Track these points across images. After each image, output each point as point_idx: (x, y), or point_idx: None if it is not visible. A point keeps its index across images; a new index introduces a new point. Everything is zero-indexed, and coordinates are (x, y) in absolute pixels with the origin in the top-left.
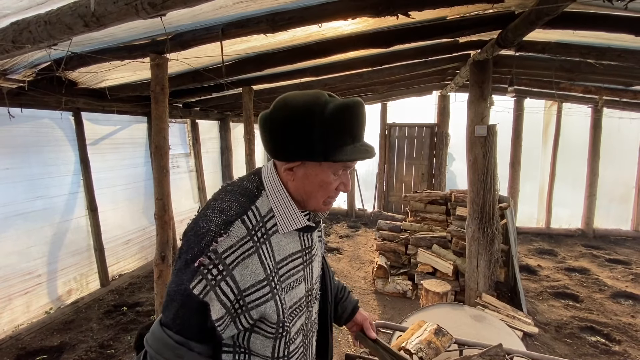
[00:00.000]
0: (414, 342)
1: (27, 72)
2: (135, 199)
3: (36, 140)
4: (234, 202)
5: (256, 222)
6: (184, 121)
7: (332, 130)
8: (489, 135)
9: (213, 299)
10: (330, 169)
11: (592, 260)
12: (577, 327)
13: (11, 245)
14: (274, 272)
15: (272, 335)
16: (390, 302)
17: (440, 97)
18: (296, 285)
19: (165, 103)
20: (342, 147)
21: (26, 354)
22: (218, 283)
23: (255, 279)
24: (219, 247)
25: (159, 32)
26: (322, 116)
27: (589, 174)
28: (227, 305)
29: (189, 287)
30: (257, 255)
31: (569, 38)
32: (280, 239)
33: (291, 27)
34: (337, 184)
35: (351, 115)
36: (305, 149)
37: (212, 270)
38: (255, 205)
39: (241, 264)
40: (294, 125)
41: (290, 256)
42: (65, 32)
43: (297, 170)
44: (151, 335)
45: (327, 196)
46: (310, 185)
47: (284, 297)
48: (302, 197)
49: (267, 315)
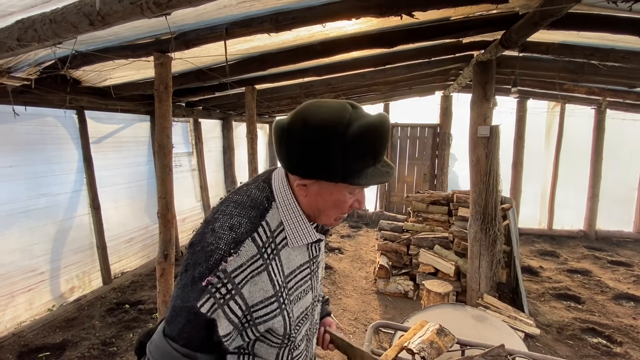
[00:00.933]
0: (416, 341)
1: (31, 70)
2: (138, 198)
3: (40, 138)
4: (244, 218)
5: (266, 238)
6: (187, 120)
7: (354, 153)
8: (492, 136)
9: (221, 316)
10: (346, 189)
11: (594, 261)
12: (579, 328)
13: (14, 243)
14: (283, 287)
15: (277, 345)
16: (392, 302)
17: (443, 98)
18: (304, 295)
19: (168, 102)
20: (363, 170)
21: (29, 351)
22: (227, 302)
23: (264, 295)
24: (229, 267)
25: (163, 31)
26: (344, 137)
27: (592, 175)
28: (235, 322)
29: (196, 305)
30: (267, 272)
31: (573, 39)
32: (289, 252)
33: (295, 27)
34: (352, 202)
35: (376, 136)
36: (323, 170)
37: (220, 290)
38: (266, 219)
39: (250, 281)
40: (314, 144)
41: (299, 268)
42: (71, 31)
43: (311, 186)
44: (155, 348)
45: (340, 213)
46: (323, 203)
47: (292, 309)
48: (314, 213)
49: (274, 329)
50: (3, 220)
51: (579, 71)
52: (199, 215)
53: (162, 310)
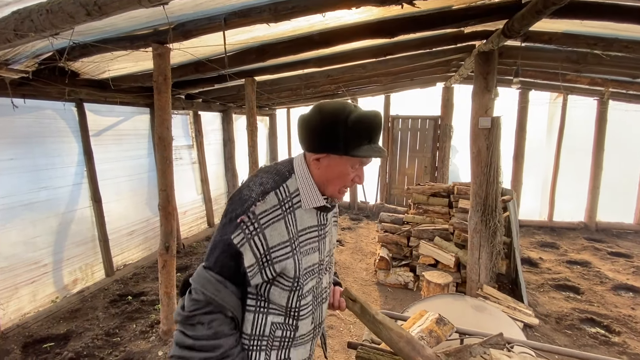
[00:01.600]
0: (415, 330)
1: (29, 62)
2: (139, 190)
3: (39, 131)
4: (271, 179)
5: (286, 196)
6: (187, 113)
7: (353, 133)
8: (493, 127)
9: (247, 249)
10: (348, 162)
11: (594, 253)
12: (578, 318)
13: (17, 235)
14: (295, 237)
15: (288, 288)
16: (392, 293)
17: (445, 89)
18: (311, 252)
19: (168, 94)
20: (359, 146)
21: (33, 341)
22: (253, 237)
23: (280, 239)
24: (257, 210)
25: (161, 22)
26: (346, 122)
27: (593, 167)
28: (257, 256)
29: (231, 237)
30: (284, 221)
31: (576, 28)
32: (302, 213)
33: (294, 16)
34: (353, 176)
35: (368, 123)
36: (330, 144)
37: (249, 227)
38: (286, 183)
39: (271, 226)
40: (325, 126)
41: (309, 228)
42: (67, 21)
43: (323, 160)
44: (196, 276)
45: (343, 185)
46: (331, 173)
47: (302, 259)
48: (323, 183)
49: (286, 271)
50: (5, 213)
51: (582, 61)
52: (200, 208)
53: (164, 301)
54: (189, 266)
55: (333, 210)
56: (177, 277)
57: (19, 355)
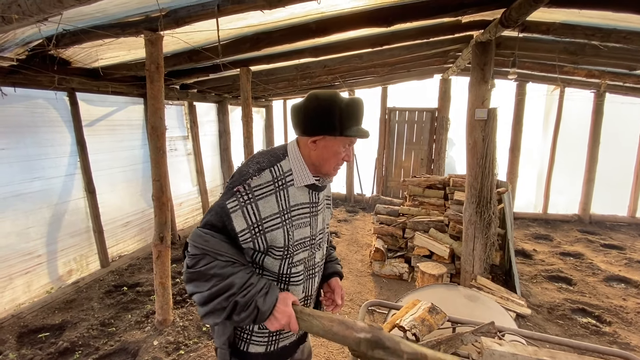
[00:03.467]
0: (407, 319)
1: (19, 49)
2: (133, 182)
3: (31, 120)
4: (266, 159)
5: (278, 174)
6: (181, 103)
7: (346, 115)
8: (489, 119)
9: (239, 215)
10: (342, 142)
11: (587, 245)
12: (569, 309)
13: (10, 226)
14: (287, 211)
15: (279, 257)
16: (387, 284)
17: (442, 81)
18: (303, 226)
19: (160, 82)
20: (352, 127)
21: (28, 331)
22: (245, 205)
23: (271, 211)
24: (252, 183)
25: (152, 8)
26: (341, 105)
27: (589, 159)
28: (249, 223)
29: (225, 202)
30: (275, 196)
31: (574, 18)
32: (295, 190)
33: (289, 3)
34: (344, 155)
35: (358, 107)
36: (328, 126)
37: (243, 196)
38: (280, 164)
39: (263, 199)
40: (323, 110)
41: (301, 204)
42: (55, 6)
43: (319, 142)
44: (191, 233)
45: (337, 163)
46: (327, 153)
47: (293, 231)
48: (320, 163)
49: (276, 241)
50: None
51: (579, 52)
52: (196, 200)
53: (159, 291)
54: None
55: (324, 191)
56: (172, 268)
57: (14, 345)
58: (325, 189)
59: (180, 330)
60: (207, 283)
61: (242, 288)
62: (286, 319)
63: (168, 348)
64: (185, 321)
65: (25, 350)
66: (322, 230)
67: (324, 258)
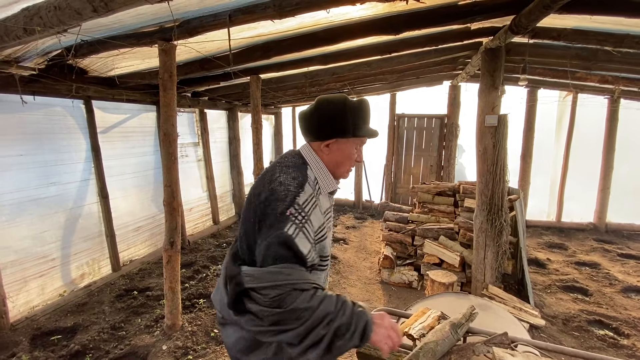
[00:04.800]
0: (417, 327)
1: (38, 59)
2: (145, 187)
3: (49, 127)
4: (298, 172)
5: (314, 185)
6: (193, 111)
7: (357, 116)
8: (500, 125)
9: (302, 237)
10: (354, 143)
11: (604, 254)
12: (585, 320)
13: (26, 230)
14: (324, 219)
15: (324, 268)
16: (396, 292)
17: (451, 88)
18: (329, 232)
19: (173, 90)
20: (362, 127)
21: (41, 334)
22: (304, 225)
23: (319, 223)
24: (300, 201)
25: (166, 19)
26: (351, 107)
27: (604, 166)
28: (311, 242)
29: (284, 230)
30: (318, 207)
31: (586, 24)
32: (322, 197)
33: (298, 12)
34: (356, 156)
35: (366, 107)
36: (341, 129)
37: (298, 217)
38: (309, 174)
39: (313, 212)
40: (334, 113)
41: (327, 210)
42: (75, 18)
43: (332, 145)
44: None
45: (350, 165)
46: (341, 156)
47: (329, 236)
48: (334, 167)
49: (324, 250)
50: (14, 208)
51: (592, 58)
52: (206, 205)
53: (168, 296)
54: (193, 262)
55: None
56: (182, 273)
57: (28, 347)
58: None
59: (189, 335)
60: (299, 319)
61: (337, 310)
62: (388, 323)
63: (177, 353)
64: (193, 326)
65: (37, 352)
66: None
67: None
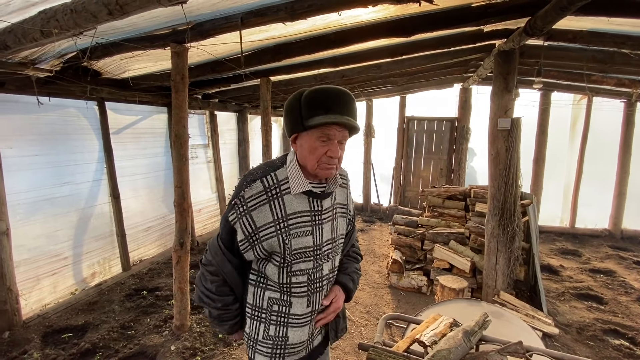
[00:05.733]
0: (428, 334)
1: (54, 61)
2: (155, 188)
3: (63, 128)
4: (260, 169)
5: (272, 183)
6: (203, 112)
7: (306, 108)
8: (513, 129)
9: (238, 226)
10: (312, 136)
11: (619, 262)
12: (600, 329)
13: (40, 229)
14: (282, 220)
15: (278, 264)
16: (405, 296)
17: (462, 90)
18: (303, 235)
19: (185, 92)
20: (313, 117)
21: (53, 331)
22: (242, 216)
23: (265, 221)
24: (245, 195)
25: (179, 22)
26: (300, 100)
27: (619, 171)
28: (247, 234)
29: (228, 215)
30: (269, 205)
31: (603, 26)
32: (292, 198)
33: (310, 15)
34: (325, 150)
35: (321, 95)
36: (295, 124)
37: (240, 208)
38: (275, 173)
39: (257, 209)
40: (291, 107)
41: (300, 212)
42: (90, 21)
43: (298, 142)
44: (211, 240)
45: (317, 160)
46: (305, 151)
47: (290, 240)
48: (304, 163)
49: (274, 249)
50: (29, 206)
51: (608, 61)
52: (215, 206)
53: (177, 296)
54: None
55: (335, 199)
56: (191, 273)
57: (39, 345)
58: (335, 196)
59: (197, 336)
60: (208, 286)
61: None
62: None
63: (185, 353)
64: (202, 327)
65: (49, 350)
66: (330, 241)
67: (335, 270)
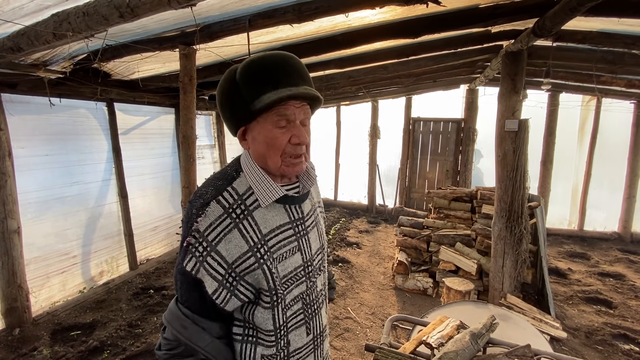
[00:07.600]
0: (435, 336)
1: (65, 63)
2: (163, 188)
3: (73, 128)
4: (211, 187)
5: (233, 200)
6: (210, 113)
7: (244, 85)
8: (520, 130)
9: (204, 274)
10: (265, 122)
11: (629, 265)
12: (609, 333)
13: (49, 227)
14: (260, 244)
15: (269, 305)
16: (410, 298)
17: (469, 91)
18: (289, 255)
19: (193, 94)
20: (260, 96)
21: (61, 329)
22: (205, 259)
23: (240, 251)
24: (200, 227)
25: (188, 24)
26: (233, 81)
27: (629, 174)
28: (219, 279)
29: (184, 265)
30: (238, 230)
31: (613, 27)
32: (264, 213)
33: (317, 16)
34: (288, 137)
35: (263, 66)
36: (236, 117)
37: (198, 248)
38: (232, 186)
39: (224, 239)
40: (222, 99)
41: (279, 228)
42: (102, 23)
43: (248, 136)
44: (168, 310)
45: (281, 152)
46: (260, 145)
47: (276, 266)
48: (263, 163)
49: (261, 284)
50: (39, 205)
51: (618, 62)
52: None
53: None
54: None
55: (310, 198)
56: None
57: (48, 342)
58: (312, 194)
59: None
60: None
61: None
62: None
63: None
64: None
65: (57, 347)
66: (319, 250)
67: (326, 280)
